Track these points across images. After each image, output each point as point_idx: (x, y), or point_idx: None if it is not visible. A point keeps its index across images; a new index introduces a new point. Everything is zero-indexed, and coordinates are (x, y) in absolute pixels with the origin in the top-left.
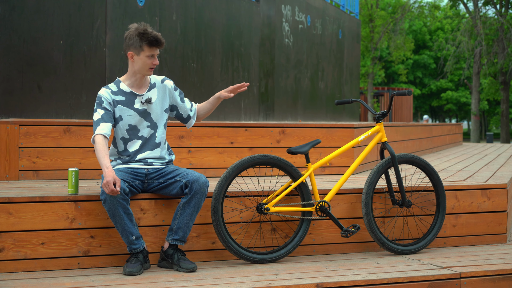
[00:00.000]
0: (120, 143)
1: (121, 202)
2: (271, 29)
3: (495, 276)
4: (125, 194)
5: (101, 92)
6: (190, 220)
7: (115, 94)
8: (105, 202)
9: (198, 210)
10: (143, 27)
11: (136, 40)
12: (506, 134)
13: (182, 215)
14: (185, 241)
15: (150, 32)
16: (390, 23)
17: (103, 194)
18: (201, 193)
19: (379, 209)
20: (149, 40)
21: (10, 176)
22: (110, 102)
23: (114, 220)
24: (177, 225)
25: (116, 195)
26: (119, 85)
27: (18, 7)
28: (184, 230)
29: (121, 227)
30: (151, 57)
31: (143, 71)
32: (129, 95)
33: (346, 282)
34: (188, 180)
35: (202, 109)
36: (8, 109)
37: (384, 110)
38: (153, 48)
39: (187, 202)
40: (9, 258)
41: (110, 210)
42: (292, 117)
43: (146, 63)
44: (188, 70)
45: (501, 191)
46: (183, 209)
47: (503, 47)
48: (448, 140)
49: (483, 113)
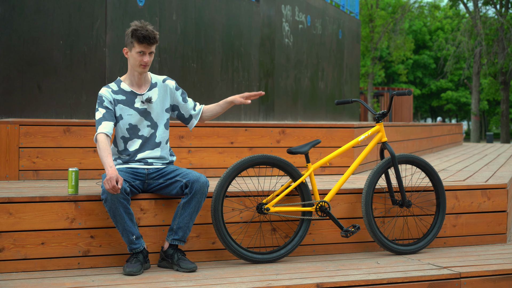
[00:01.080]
0: (120, 142)
1: (122, 202)
2: (271, 29)
3: (495, 276)
4: (126, 194)
5: (101, 91)
6: (190, 220)
7: (115, 93)
8: (106, 201)
9: (198, 210)
10: (140, 24)
11: (129, 36)
12: (506, 134)
13: (182, 215)
14: (185, 241)
15: (141, 28)
16: (390, 23)
17: (104, 193)
18: (201, 193)
19: (379, 209)
20: (138, 37)
21: (10, 176)
22: (110, 101)
23: (115, 219)
24: (177, 225)
25: (117, 194)
26: (120, 85)
27: (18, 7)
28: (184, 230)
29: (122, 226)
30: (141, 53)
31: (135, 68)
32: (129, 94)
33: (346, 282)
34: (189, 180)
35: (209, 111)
36: (8, 109)
37: (384, 110)
38: (143, 45)
39: (187, 202)
40: (9, 258)
41: (110, 209)
42: (292, 117)
43: (136, 60)
44: (188, 70)
45: (501, 191)
46: (183, 209)
47: (503, 47)
48: (448, 140)
49: (483, 113)
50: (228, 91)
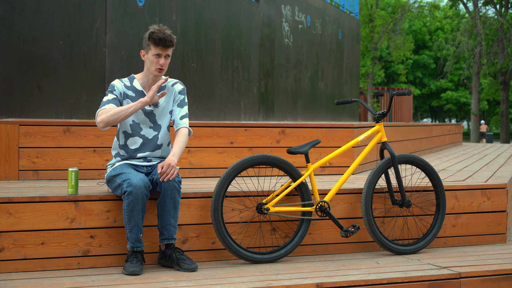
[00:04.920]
0: (121, 136)
1: (143, 198)
2: (271, 29)
3: (495, 276)
4: (148, 190)
5: (114, 82)
6: (171, 217)
7: (127, 88)
8: (130, 194)
9: (177, 206)
10: (158, 28)
11: (146, 39)
12: (506, 134)
13: (162, 215)
14: (174, 238)
15: (158, 31)
16: (390, 23)
17: (130, 186)
18: (171, 188)
19: (379, 209)
20: (154, 39)
21: (10, 176)
22: (121, 92)
23: (131, 214)
24: (160, 225)
25: (142, 190)
26: (133, 82)
27: (18, 7)
28: (168, 228)
29: (135, 222)
30: (157, 56)
31: (151, 71)
32: (139, 93)
33: (346, 282)
34: (158, 178)
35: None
36: (8, 109)
37: (384, 110)
38: (159, 48)
39: (162, 200)
40: (9, 258)
41: (131, 203)
42: (292, 117)
43: (152, 62)
44: (188, 70)
45: (501, 191)
46: (161, 208)
47: (503, 47)
48: (448, 140)
49: (483, 113)
50: (228, 91)
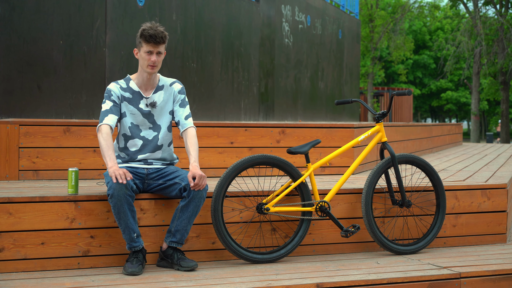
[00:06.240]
0: (121, 139)
1: (127, 198)
2: (271, 29)
3: (495, 276)
4: (132, 191)
5: (110, 86)
6: (188, 224)
7: (124, 90)
8: (112, 197)
9: (197, 214)
10: (150, 25)
11: (138, 36)
12: (506, 134)
13: (180, 218)
14: (183, 243)
15: (149, 28)
16: (390, 23)
17: (111, 189)
18: (199, 197)
19: (379, 209)
20: (145, 36)
21: (10, 176)
22: (118, 96)
23: (118, 216)
24: (175, 227)
25: (124, 191)
26: (129, 83)
27: (18, 7)
28: (182, 233)
29: (125, 223)
30: (149, 53)
31: (144, 68)
32: (136, 94)
33: (346, 282)
34: (187, 184)
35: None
36: (8, 109)
37: (384, 110)
38: (150, 45)
39: (185, 205)
40: (9, 258)
41: (115, 205)
42: (292, 117)
43: (144, 59)
44: (188, 70)
45: (501, 191)
46: (181, 212)
47: (503, 47)
48: (448, 140)
49: (483, 113)
50: (228, 91)
